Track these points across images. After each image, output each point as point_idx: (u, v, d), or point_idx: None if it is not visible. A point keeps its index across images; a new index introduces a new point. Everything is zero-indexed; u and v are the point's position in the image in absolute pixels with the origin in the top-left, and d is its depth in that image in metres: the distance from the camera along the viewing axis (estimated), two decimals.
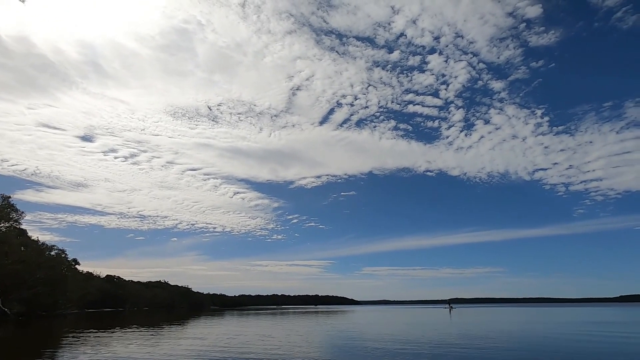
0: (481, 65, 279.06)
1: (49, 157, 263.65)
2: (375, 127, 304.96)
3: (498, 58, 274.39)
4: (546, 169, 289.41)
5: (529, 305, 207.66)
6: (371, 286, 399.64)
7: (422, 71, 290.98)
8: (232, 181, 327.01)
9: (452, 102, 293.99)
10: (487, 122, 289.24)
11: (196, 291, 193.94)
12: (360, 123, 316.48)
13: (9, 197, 63.17)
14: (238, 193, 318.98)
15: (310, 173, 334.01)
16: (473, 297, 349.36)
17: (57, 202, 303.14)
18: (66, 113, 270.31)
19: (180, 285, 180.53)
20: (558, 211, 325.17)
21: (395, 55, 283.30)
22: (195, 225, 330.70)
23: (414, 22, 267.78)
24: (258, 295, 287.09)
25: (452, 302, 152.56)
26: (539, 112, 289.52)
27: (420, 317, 57.70)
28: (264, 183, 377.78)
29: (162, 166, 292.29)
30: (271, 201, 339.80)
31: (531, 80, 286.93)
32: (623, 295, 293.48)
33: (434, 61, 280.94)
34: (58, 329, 34.56)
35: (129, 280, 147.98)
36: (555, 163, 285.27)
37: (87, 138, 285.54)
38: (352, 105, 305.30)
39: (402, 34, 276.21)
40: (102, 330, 31.33)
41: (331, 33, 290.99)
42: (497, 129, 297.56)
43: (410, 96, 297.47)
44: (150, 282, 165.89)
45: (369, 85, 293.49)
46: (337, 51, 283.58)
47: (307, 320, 50.43)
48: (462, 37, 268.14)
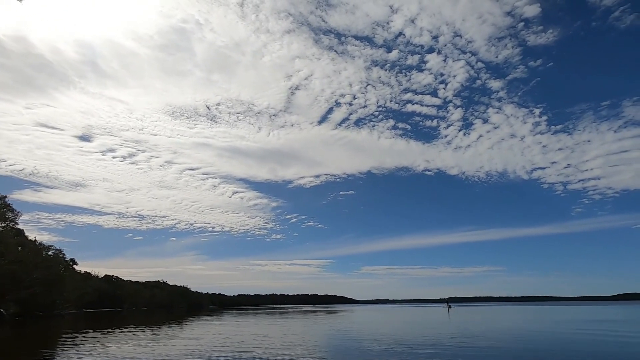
0: (479, 64, 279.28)
1: (47, 157, 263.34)
2: (373, 127, 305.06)
3: (496, 57, 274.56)
4: (544, 168, 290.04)
5: (528, 304, 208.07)
6: (370, 285, 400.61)
7: (421, 70, 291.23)
8: (231, 181, 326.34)
9: (451, 102, 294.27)
10: (486, 121, 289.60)
11: (195, 291, 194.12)
12: (359, 122, 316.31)
13: (5, 197, 62.99)
14: (237, 193, 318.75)
15: (309, 172, 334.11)
16: (472, 296, 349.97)
17: (55, 202, 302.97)
18: (64, 113, 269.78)
19: (178, 285, 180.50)
20: (556, 210, 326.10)
21: (393, 54, 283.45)
22: (194, 225, 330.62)
23: (413, 22, 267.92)
24: (257, 294, 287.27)
25: (451, 301, 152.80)
26: (537, 111, 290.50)
27: (418, 316, 57.65)
28: (263, 182, 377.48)
29: (161, 166, 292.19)
30: (270, 201, 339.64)
31: (529, 79, 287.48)
32: (621, 293, 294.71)
33: (433, 60, 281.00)
34: (53, 330, 34.37)
35: (128, 280, 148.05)
36: (553, 162, 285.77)
37: (85, 138, 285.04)
38: (351, 104, 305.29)
39: (401, 34, 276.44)
40: (98, 330, 31.14)
41: (330, 32, 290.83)
42: (496, 128, 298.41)
43: (408, 95, 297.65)
44: (148, 282, 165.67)
45: (368, 84, 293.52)
46: (336, 50, 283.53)
47: (306, 319, 50.32)
48: (461, 37, 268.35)
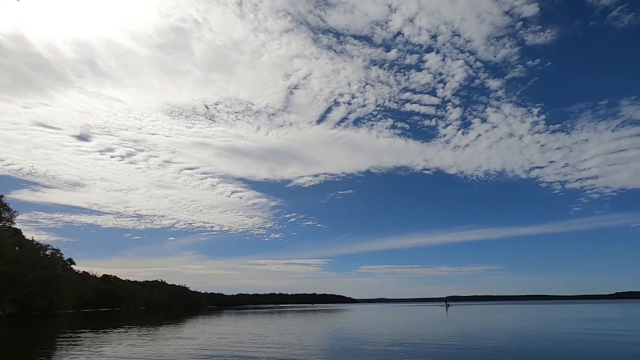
0: (478, 63, 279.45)
1: (45, 157, 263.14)
2: (372, 126, 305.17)
3: (495, 57, 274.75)
4: (542, 167, 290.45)
5: (526, 302, 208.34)
6: (369, 284, 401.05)
7: (420, 70, 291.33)
8: (230, 180, 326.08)
9: (449, 101, 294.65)
10: (484, 121, 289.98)
11: (193, 290, 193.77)
12: (357, 122, 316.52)
13: (1, 197, 62.68)
14: (235, 192, 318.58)
15: (307, 172, 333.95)
16: (470, 295, 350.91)
17: (53, 202, 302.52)
18: (62, 112, 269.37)
19: (177, 284, 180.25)
20: (554, 209, 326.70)
21: (392, 53, 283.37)
22: (192, 224, 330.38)
23: (411, 21, 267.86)
24: (256, 294, 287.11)
25: (450, 300, 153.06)
26: (536, 111, 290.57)
27: (417, 316, 57.63)
28: (262, 182, 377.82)
29: (159, 165, 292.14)
30: (269, 200, 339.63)
31: (528, 78, 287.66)
32: (619, 292, 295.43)
33: (431, 60, 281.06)
34: (48, 330, 34.21)
35: (126, 279, 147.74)
36: (551, 161, 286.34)
37: (84, 137, 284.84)
38: (350, 104, 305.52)
39: (400, 33, 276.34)
40: (94, 330, 31.00)
41: (328, 32, 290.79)
42: (494, 128, 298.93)
43: (407, 95, 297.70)
44: (147, 282, 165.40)
45: (367, 83, 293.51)
46: (335, 50, 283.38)
47: (304, 319, 50.25)
48: (459, 36, 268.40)
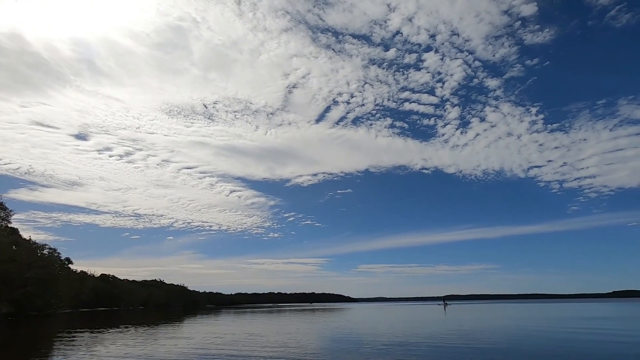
0: (477, 63, 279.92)
1: (43, 156, 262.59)
2: (371, 125, 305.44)
3: (493, 56, 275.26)
4: (541, 167, 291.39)
5: (524, 301, 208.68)
6: (367, 283, 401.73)
7: (418, 69, 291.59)
8: (228, 179, 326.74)
9: (448, 100, 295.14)
10: (483, 120, 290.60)
11: (192, 290, 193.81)
12: (356, 121, 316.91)
13: None
14: (234, 191, 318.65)
15: (306, 171, 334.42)
16: (469, 294, 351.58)
17: (51, 201, 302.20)
18: (60, 111, 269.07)
19: (176, 284, 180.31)
20: (552, 208, 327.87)
21: (391, 53, 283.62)
22: (191, 223, 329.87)
23: (410, 20, 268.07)
24: (254, 293, 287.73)
25: (448, 299, 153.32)
26: (534, 110, 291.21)
27: (415, 314, 57.64)
28: (260, 181, 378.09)
29: (158, 164, 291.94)
30: (267, 199, 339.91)
31: (526, 78, 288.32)
32: (616, 290, 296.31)
33: (430, 59, 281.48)
34: (44, 330, 34.06)
35: (124, 279, 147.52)
36: (549, 160, 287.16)
37: (82, 136, 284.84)
38: (349, 103, 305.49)
39: (398, 32, 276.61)
40: (90, 330, 30.89)
41: (327, 31, 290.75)
42: (493, 127, 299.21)
43: (406, 94, 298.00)
44: (145, 281, 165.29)
45: (365, 83, 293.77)
46: (333, 49, 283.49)
47: (302, 318, 50.22)
48: (458, 35, 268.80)
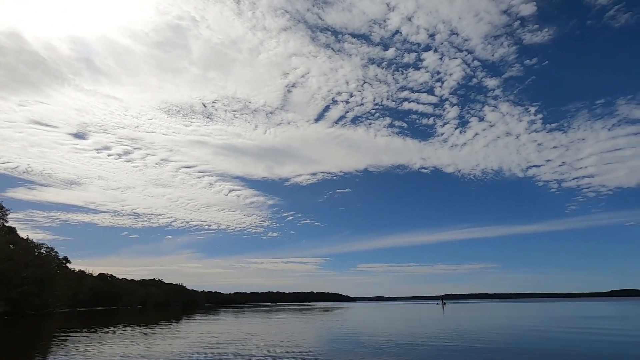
0: (476, 62, 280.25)
1: (41, 155, 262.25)
2: (370, 125, 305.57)
3: (492, 56, 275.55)
4: (539, 166, 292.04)
5: (522, 300, 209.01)
6: (366, 283, 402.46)
7: (417, 68, 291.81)
8: (227, 178, 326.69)
9: (447, 100, 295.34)
10: (482, 120, 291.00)
11: (191, 289, 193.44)
12: (355, 120, 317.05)
13: None
14: (233, 190, 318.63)
15: (305, 170, 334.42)
16: (467, 293, 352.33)
17: (50, 200, 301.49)
18: (58, 110, 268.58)
19: (174, 283, 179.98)
20: (551, 207, 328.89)
21: (390, 52, 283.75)
22: (190, 223, 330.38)
23: (409, 20, 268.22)
24: (253, 292, 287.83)
25: (446, 298, 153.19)
26: (533, 110, 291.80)
27: (413, 313, 57.56)
28: (259, 180, 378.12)
29: (157, 164, 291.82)
30: (266, 198, 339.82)
31: (525, 77, 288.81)
32: (614, 290, 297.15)
33: (429, 58, 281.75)
34: (40, 329, 33.92)
35: (123, 278, 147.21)
36: (548, 160, 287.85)
37: (80, 135, 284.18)
38: (348, 102, 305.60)
39: (398, 32, 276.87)
40: (86, 329, 30.77)
41: (326, 30, 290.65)
42: (491, 126, 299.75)
43: (405, 93, 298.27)
44: (144, 281, 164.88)
45: (364, 82, 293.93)
46: (333, 48, 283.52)
47: (300, 317, 50.14)
48: (457, 35, 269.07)
